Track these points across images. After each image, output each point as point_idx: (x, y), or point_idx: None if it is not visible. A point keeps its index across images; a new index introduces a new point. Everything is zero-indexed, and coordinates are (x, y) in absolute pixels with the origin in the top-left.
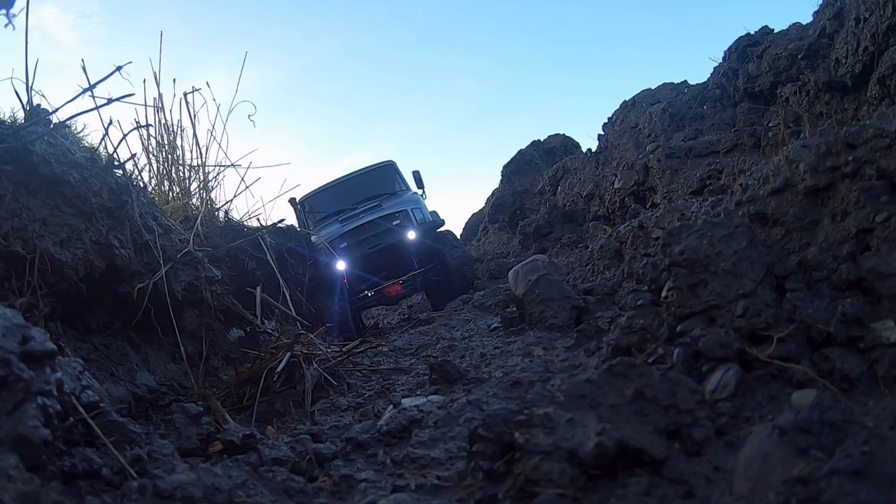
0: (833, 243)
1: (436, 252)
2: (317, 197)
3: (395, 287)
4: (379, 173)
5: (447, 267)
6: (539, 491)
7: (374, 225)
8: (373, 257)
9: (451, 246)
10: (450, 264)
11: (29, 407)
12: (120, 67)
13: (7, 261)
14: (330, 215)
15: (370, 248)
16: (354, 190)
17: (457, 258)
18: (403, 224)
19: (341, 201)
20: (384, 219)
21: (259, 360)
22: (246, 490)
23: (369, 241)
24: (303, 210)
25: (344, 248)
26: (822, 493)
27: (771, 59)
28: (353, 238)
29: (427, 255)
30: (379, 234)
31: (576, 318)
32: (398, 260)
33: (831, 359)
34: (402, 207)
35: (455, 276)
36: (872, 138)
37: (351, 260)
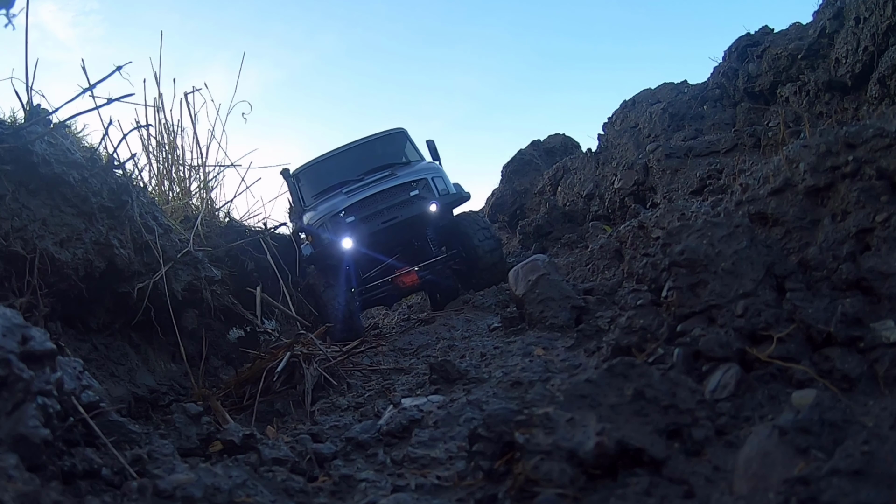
0: (833, 243)
1: (460, 233)
2: (314, 168)
3: (409, 276)
4: (388, 141)
5: (473, 253)
6: (539, 491)
7: (389, 195)
8: (385, 235)
9: (478, 227)
10: (477, 249)
11: (29, 407)
12: (120, 67)
13: (7, 261)
14: (331, 188)
15: (383, 223)
16: (360, 160)
17: (485, 242)
18: (423, 195)
19: (344, 172)
20: (400, 188)
21: (259, 360)
22: (246, 490)
23: (381, 215)
24: (297, 183)
25: (350, 224)
26: (822, 493)
27: (771, 59)
28: (361, 211)
29: (450, 236)
30: (394, 207)
31: (576, 318)
32: (414, 240)
33: (831, 359)
34: (422, 175)
35: (483, 264)
36: (872, 138)
37: (358, 238)
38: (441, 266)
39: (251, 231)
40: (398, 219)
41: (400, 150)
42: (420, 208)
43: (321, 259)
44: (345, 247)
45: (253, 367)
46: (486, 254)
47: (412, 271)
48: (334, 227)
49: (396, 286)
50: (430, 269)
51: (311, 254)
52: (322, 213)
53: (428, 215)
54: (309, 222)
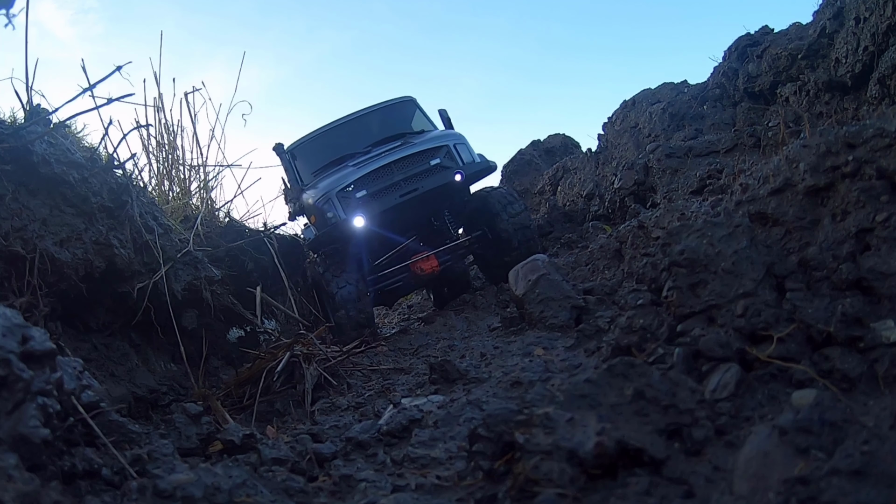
0: (833, 243)
1: (485, 211)
2: (313, 142)
3: (429, 261)
4: (395, 111)
5: (502, 233)
6: (539, 491)
7: (406, 164)
8: (402, 212)
9: (506, 202)
10: (506, 229)
11: (29, 407)
12: (120, 67)
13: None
14: (333, 163)
15: (401, 197)
16: (364, 132)
17: (516, 219)
18: (445, 164)
19: (347, 146)
20: (419, 156)
21: (259, 360)
22: (246, 490)
23: (398, 188)
24: (293, 161)
25: (362, 199)
26: (822, 493)
27: (771, 58)
28: (374, 183)
29: (472, 215)
30: (413, 178)
31: (576, 318)
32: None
33: (831, 359)
34: (443, 142)
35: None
36: (872, 138)
37: (372, 215)
38: (463, 250)
39: (251, 231)
40: (419, 191)
41: (408, 120)
42: (443, 178)
43: (326, 242)
44: (356, 226)
45: (253, 367)
46: (517, 233)
47: (431, 255)
48: (342, 203)
49: (414, 274)
50: (452, 253)
51: (315, 237)
52: (326, 188)
53: (453, 186)
54: (310, 202)
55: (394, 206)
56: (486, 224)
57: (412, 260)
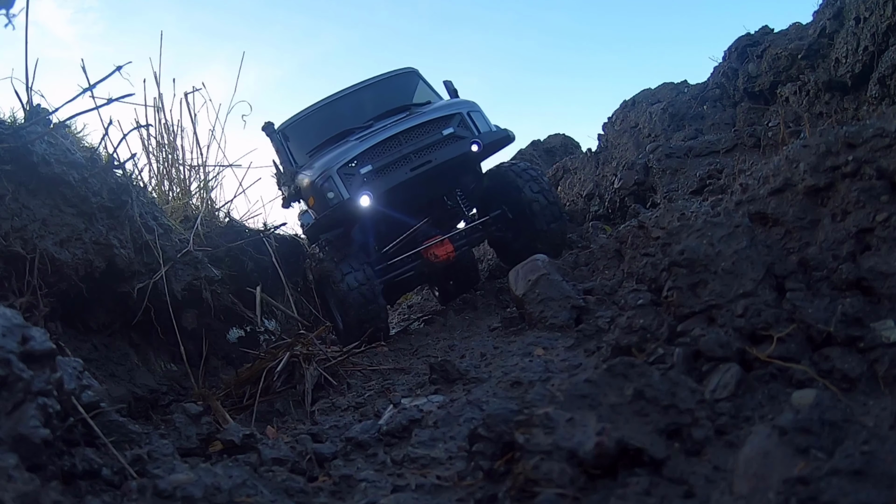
0: (833, 243)
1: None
2: (307, 120)
3: (443, 246)
4: (395, 84)
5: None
6: (539, 491)
7: (416, 134)
8: (413, 189)
9: (528, 176)
10: (531, 205)
11: (29, 407)
12: (120, 67)
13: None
14: (330, 140)
15: (412, 171)
16: (364, 106)
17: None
18: (460, 134)
19: (346, 122)
20: (430, 125)
21: (259, 360)
22: (246, 490)
23: (408, 161)
24: (284, 141)
25: (367, 176)
26: (822, 493)
27: (771, 58)
28: (381, 157)
29: (488, 193)
30: (424, 149)
31: (576, 318)
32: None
33: (831, 359)
34: (455, 110)
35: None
36: (872, 138)
37: (379, 193)
38: (480, 233)
39: (251, 231)
40: (432, 163)
41: (411, 93)
42: (459, 149)
43: (327, 227)
44: (362, 205)
45: (253, 367)
46: (545, 212)
47: (445, 240)
48: (345, 181)
49: (427, 261)
50: (468, 236)
51: (314, 222)
52: (325, 165)
53: (470, 158)
54: (307, 183)
55: (404, 182)
56: (508, 202)
57: (424, 246)
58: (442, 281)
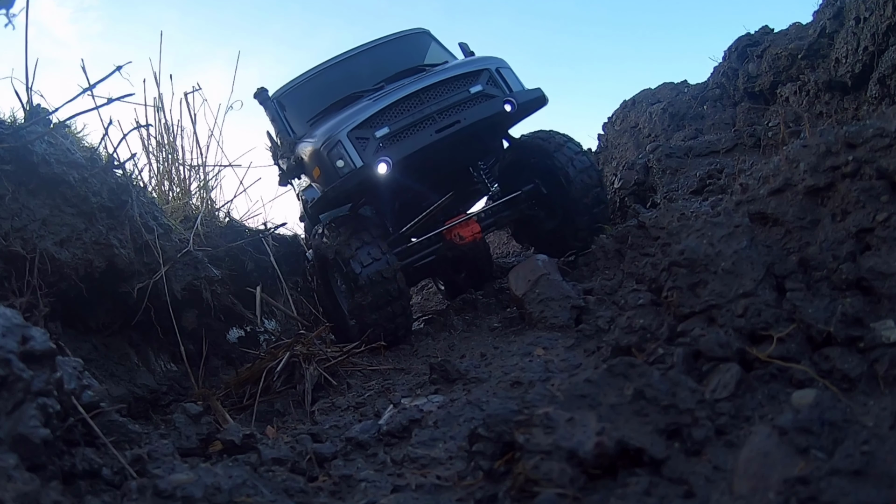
0: (833, 243)
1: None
2: (306, 87)
3: (468, 226)
4: (407, 45)
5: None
6: (539, 491)
7: (439, 92)
8: (439, 155)
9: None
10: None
11: (29, 407)
12: (120, 67)
13: (7, 261)
14: (335, 105)
15: (438, 133)
16: (371, 70)
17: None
18: (490, 92)
19: (351, 85)
20: (456, 81)
21: (259, 360)
22: (246, 490)
23: (433, 122)
24: (280, 111)
25: (383, 140)
26: (822, 493)
27: (771, 58)
28: (400, 117)
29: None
30: (451, 109)
31: (576, 318)
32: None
33: (831, 359)
34: (484, 65)
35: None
36: (872, 138)
37: (400, 158)
38: (510, 211)
39: (251, 231)
40: (461, 124)
41: (422, 56)
42: (491, 108)
43: (336, 202)
44: (379, 173)
45: (253, 367)
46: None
47: (471, 219)
48: (357, 146)
49: (450, 244)
50: (496, 215)
51: (320, 197)
52: (333, 129)
53: (503, 119)
54: (310, 152)
55: (428, 147)
56: (540, 173)
57: (447, 226)
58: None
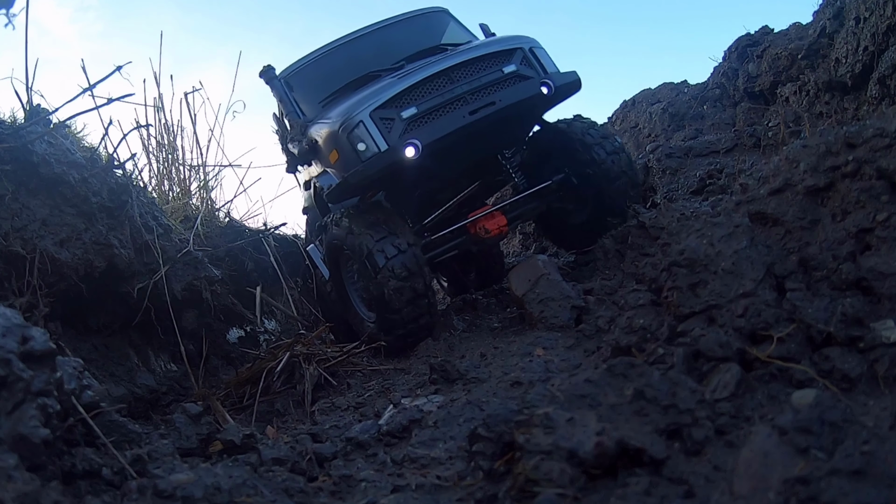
0: (833, 243)
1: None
2: (317, 66)
3: (493, 219)
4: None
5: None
6: (539, 491)
7: (472, 70)
8: (472, 138)
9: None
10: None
11: (29, 407)
12: (120, 67)
13: (7, 261)
14: (351, 85)
15: (472, 115)
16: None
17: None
18: (524, 73)
19: (367, 65)
20: (487, 61)
21: (259, 360)
22: (246, 490)
23: (464, 103)
24: (288, 91)
25: (411, 120)
26: (822, 493)
27: (771, 59)
28: (428, 96)
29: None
30: (485, 90)
31: (576, 318)
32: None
33: (831, 359)
34: (516, 44)
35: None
36: (872, 138)
37: (428, 142)
38: (535, 204)
39: (251, 231)
40: (496, 106)
41: (440, 35)
42: (528, 90)
43: (356, 188)
44: (406, 157)
45: (253, 367)
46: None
47: (496, 211)
48: (381, 127)
49: (473, 238)
50: (521, 207)
51: (339, 184)
52: (353, 110)
53: (539, 102)
54: (325, 134)
55: (460, 130)
56: (570, 163)
57: (471, 218)
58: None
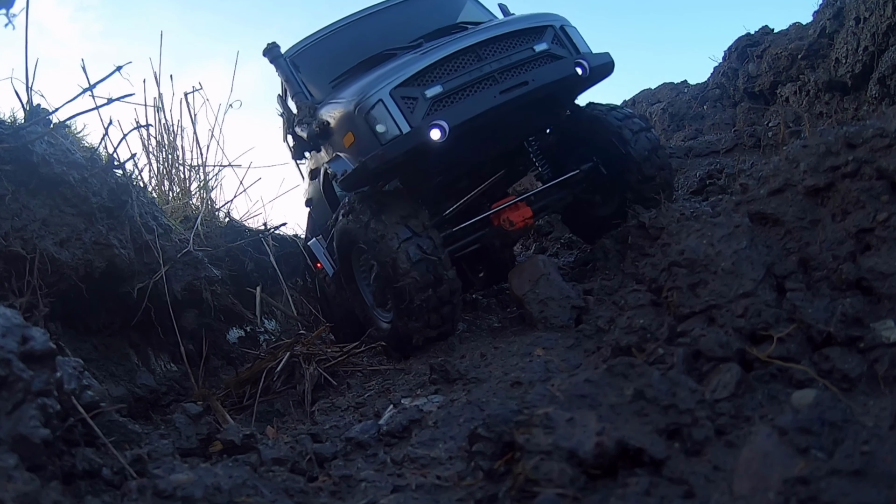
0: (833, 243)
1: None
2: (326, 45)
3: (518, 210)
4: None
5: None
6: (539, 491)
7: (501, 48)
8: (503, 120)
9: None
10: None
11: (29, 407)
12: (120, 67)
13: (7, 261)
14: (363, 64)
15: (503, 94)
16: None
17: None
18: (556, 52)
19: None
20: (517, 38)
21: (259, 360)
22: (246, 490)
23: (494, 82)
24: (294, 71)
25: (436, 100)
26: (822, 493)
27: (771, 59)
28: (455, 74)
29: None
30: (516, 68)
31: (576, 318)
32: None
33: (831, 359)
34: (546, 21)
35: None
36: (872, 138)
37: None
38: (562, 194)
39: (251, 231)
40: (530, 86)
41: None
42: (562, 70)
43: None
44: (432, 140)
45: (253, 367)
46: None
47: (520, 202)
48: (403, 106)
49: (497, 230)
50: (546, 198)
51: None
52: (371, 88)
53: (574, 83)
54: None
55: (491, 111)
56: (597, 150)
57: (495, 209)
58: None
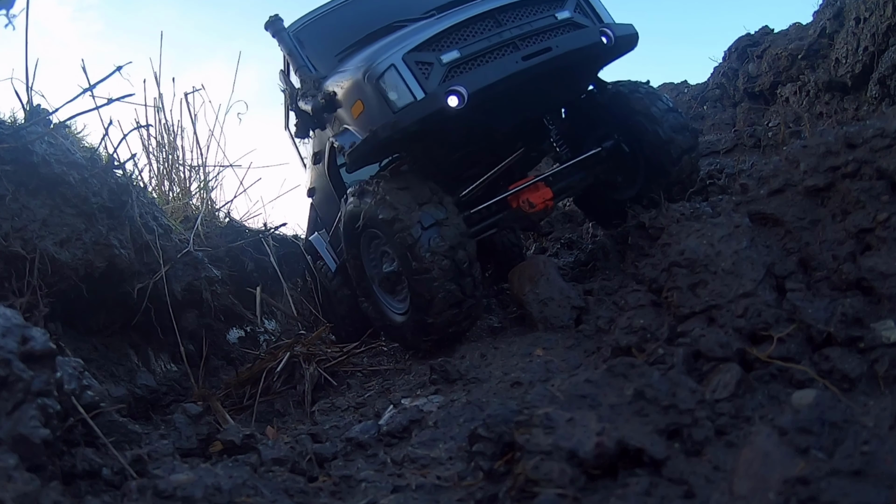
0: (833, 243)
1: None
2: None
3: (538, 191)
4: None
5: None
6: (539, 491)
7: (521, 13)
8: (525, 89)
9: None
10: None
11: (29, 407)
12: (120, 67)
13: (7, 261)
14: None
15: (525, 60)
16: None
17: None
18: (579, 21)
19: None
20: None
21: (259, 360)
22: (246, 490)
23: (514, 48)
24: (297, 46)
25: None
26: (822, 493)
27: (771, 59)
28: (472, 39)
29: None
30: (537, 35)
31: (576, 318)
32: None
33: (831, 359)
34: None
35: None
36: (872, 138)
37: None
38: (582, 174)
39: (251, 231)
40: (553, 52)
41: None
42: (586, 38)
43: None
44: (450, 107)
45: (253, 367)
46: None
47: (539, 183)
48: (417, 73)
49: (516, 213)
50: (567, 178)
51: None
52: (383, 53)
53: (599, 53)
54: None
55: (512, 77)
56: (621, 128)
57: (514, 190)
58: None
